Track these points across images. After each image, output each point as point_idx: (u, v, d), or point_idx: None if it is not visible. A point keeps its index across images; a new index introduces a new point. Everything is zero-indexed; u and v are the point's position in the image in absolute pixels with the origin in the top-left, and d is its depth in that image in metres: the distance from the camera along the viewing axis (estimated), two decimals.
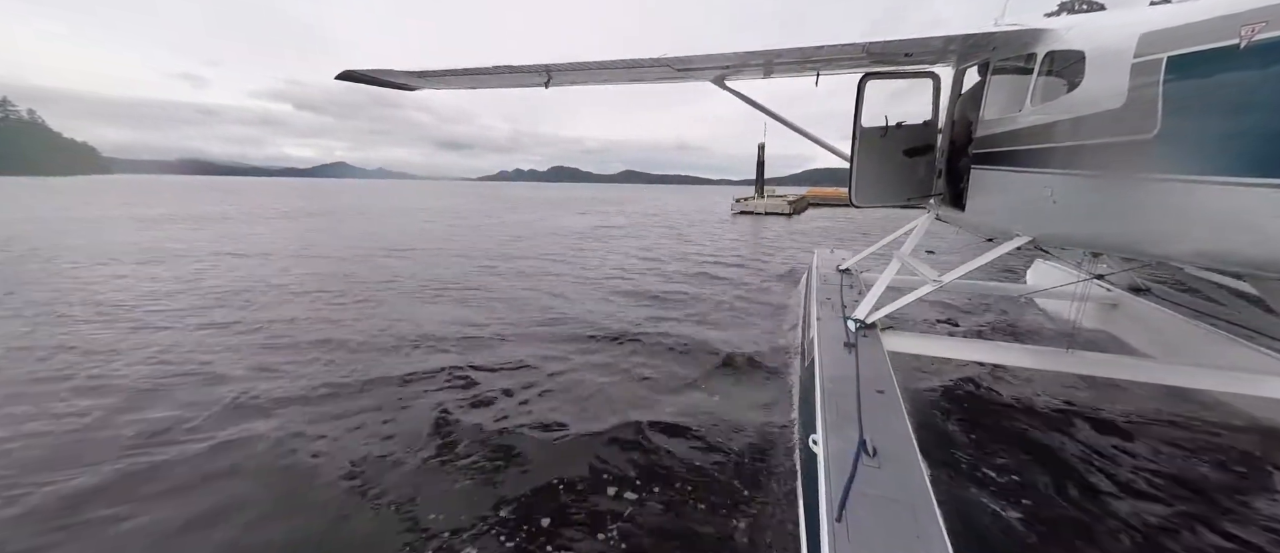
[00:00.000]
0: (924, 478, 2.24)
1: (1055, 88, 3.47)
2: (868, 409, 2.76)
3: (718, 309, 8.00)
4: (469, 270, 11.31)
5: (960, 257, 4.58)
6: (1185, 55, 2.49)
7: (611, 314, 7.62)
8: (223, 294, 8.53)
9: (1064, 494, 3.24)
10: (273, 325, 6.77)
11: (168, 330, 6.49)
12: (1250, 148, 2.29)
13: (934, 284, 4.17)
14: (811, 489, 2.33)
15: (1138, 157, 2.73)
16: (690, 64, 4.31)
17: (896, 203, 5.54)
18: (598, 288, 9.55)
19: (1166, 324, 5.16)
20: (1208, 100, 2.43)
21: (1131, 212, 2.93)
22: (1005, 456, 3.66)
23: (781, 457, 3.61)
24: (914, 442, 2.53)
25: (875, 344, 3.83)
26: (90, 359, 5.46)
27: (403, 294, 8.89)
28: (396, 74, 4.45)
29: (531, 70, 4.36)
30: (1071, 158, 3.20)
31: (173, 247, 13.98)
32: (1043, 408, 4.40)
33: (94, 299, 8.02)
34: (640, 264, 12.51)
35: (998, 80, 4.19)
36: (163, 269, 10.66)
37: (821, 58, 4.41)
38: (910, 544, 1.87)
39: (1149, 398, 4.44)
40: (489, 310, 7.78)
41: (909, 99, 5.31)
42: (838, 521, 1.97)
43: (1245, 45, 2.23)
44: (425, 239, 17.24)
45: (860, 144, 5.22)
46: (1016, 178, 3.74)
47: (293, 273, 10.55)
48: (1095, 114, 2.98)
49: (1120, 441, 3.88)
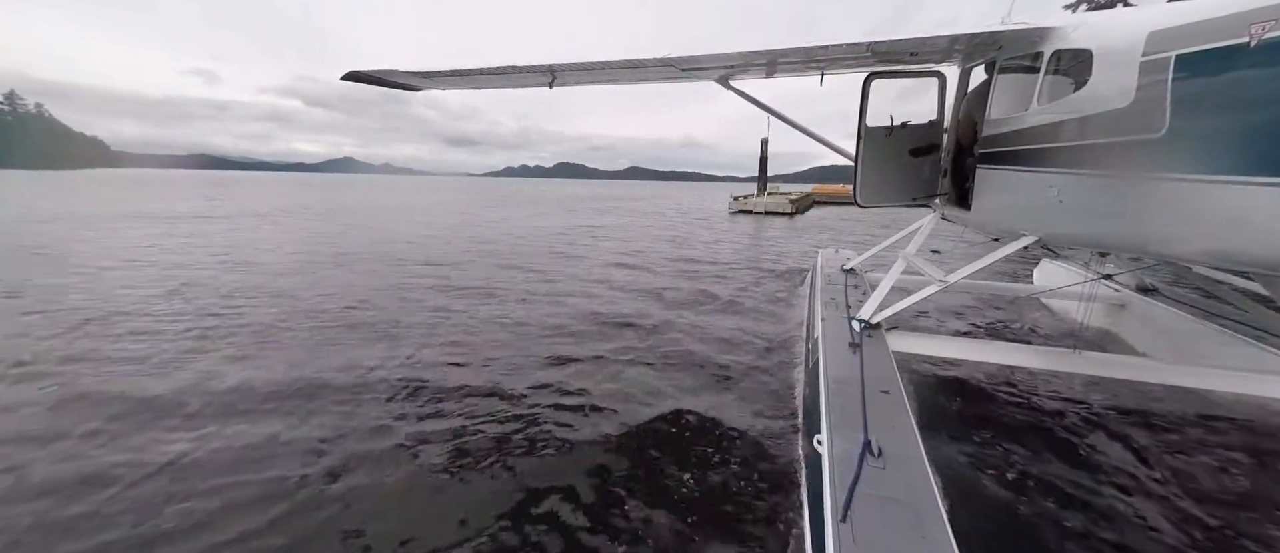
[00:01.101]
0: (929, 479, 2.23)
1: (1062, 87, 3.45)
2: (872, 410, 2.76)
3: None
4: (391, 290, 8.60)
5: (966, 257, 4.54)
6: (1194, 54, 2.48)
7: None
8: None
9: (1071, 497, 3.22)
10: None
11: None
12: (1260, 146, 2.27)
13: (939, 284, 4.16)
14: (816, 490, 2.33)
15: (1146, 155, 2.72)
16: (695, 64, 4.32)
17: (901, 203, 5.53)
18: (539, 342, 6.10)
19: (1175, 324, 5.12)
20: (1216, 99, 2.41)
21: (1139, 211, 2.91)
22: (1011, 457, 3.64)
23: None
24: (919, 442, 2.52)
25: (880, 344, 3.82)
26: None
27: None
28: (402, 74, 4.48)
29: (536, 71, 4.37)
30: (1079, 157, 3.18)
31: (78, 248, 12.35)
32: (1050, 409, 4.37)
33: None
34: (619, 274, 10.44)
35: (1004, 79, 4.17)
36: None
37: (826, 57, 4.41)
38: (915, 546, 1.87)
39: (1158, 399, 4.41)
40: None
41: (914, 98, 5.30)
42: (842, 521, 1.97)
43: (1255, 43, 2.22)
44: (388, 241, 15.18)
45: (865, 143, 5.20)
46: (1023, 177, 3.72)
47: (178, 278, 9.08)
48: (1103, 113, 2.96)
49: (1128, 443, 3.85)
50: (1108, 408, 4.35)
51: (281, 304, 7.59)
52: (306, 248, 13.58)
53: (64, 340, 5.89)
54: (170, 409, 4.31)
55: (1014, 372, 4.90)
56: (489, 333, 6.43)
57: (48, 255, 11.57)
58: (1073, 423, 4.13)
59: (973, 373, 4.94)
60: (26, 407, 4.36)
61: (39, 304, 7.35)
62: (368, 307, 7.58)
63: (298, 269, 10.43)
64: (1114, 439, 3.90)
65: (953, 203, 4.99)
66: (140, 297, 7.85)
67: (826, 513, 2.05)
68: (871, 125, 5.17)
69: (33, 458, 3.61)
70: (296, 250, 13.03)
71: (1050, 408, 4.38)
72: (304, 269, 10.45)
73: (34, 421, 4.13)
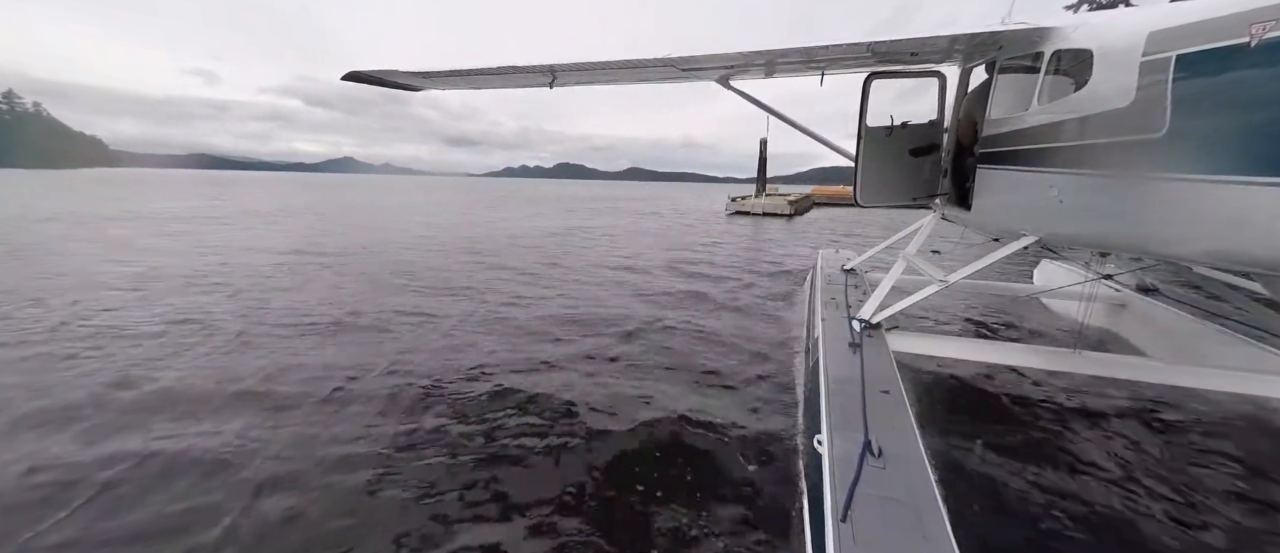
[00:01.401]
0: (929, 479, 2.23)
1: (1063, 87, 3.45)
2: (873, 410, 2.76)
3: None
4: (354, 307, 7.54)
5: (966, 257, 4.54)
6: (1194, 53, 2.48)
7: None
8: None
9: (1071, 496, 3.22)
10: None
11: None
12: (1259, 146, 2.27)
13: (939, 284, 4.16)
14: (816, 490, 2.33)
15: (1146, 155, 2.72)
16: (694, 64, 4.32)
17: (901, 203, 5.52)
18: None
19: (1175, 325, 5.12)
20: (1217, 99, 2.41)
21: (1139, 211, 2.91)
22: (1011, 457, 3.64)
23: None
24: (920, 442, 2.52)
25: (880, 344, 3.82)
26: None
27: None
28: (401, 74, 4.48)
29: (536, 71, 4.37)
30: (1079, 157, 3.18)
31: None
32: (1050, 409, 4.37)
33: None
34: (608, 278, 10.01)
35: (1004, 79, 4.17)
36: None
37: (826, 57, 4.41)
38: (915, 546, 1.87)
39: (1158, 399, 4.41)
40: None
41: (914, 99, 5.30)
42: (842, 521, 1.97)
43: (1255, 43, 2.22)
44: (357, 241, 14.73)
45: (865, 144, 5.20)
46: (1023, 177, 3.72)
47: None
48: (1103, 113, 2.96)
49: (1128, 443, 3.85)
50: (1108, 408, 4.34)
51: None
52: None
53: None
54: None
55: (1014, 372, 4.90)
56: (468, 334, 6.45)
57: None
58: (1072, 423, 4.13)
59: (973, 373, 4.94)
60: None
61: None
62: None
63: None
64: (1114, 439, 3.90)
65: (953, 203, 4.99)
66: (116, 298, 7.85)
67: (827, 513, 2.05)
68: (872, 125, 5.17)
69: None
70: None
71: (1050, 408, 4.38)
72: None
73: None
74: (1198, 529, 2.95)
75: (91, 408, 4.27)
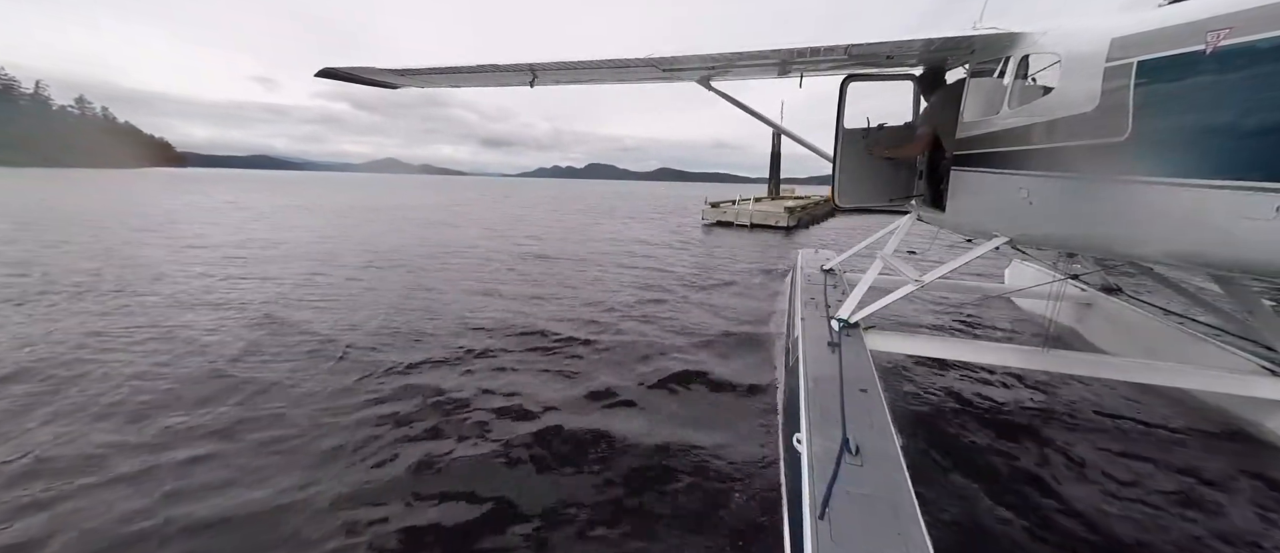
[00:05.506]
0: (905, 476, 2.26)
1: (1031, 91, 3.54)
2: (851, 408, 2.78)
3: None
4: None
5: (940, 258, 4.63)
6: (1154, 60, 2.56)
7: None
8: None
9: (1039, 491, 3.31)
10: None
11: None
12: (1216, 150, 2.36)
13: (915, 284, 4.23)
14: (795, 487, 2.34)
15: (1109, 159, 2.80)
16: (676, 64, 4.31)
17: (878, 203, 5.61)
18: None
19: (1138, 323, 5.31)
20: (1176, 104, 2.50)
21: (1103, 213, 3.00)
22: (984, 453, 3.73)
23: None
24: (896, 440, 2.55)
25: (858, 343, 3.86)
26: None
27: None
28: (377, 71, 4.38)
29: (516, 69, 4.33)
30: (1046, 160, 3.27)
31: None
32: (1019, 406, 4.48)
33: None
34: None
35: (976, 83, 4.26)
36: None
37: (804, 59, 4.45)
38: (892, 541, 1.89)
39: (1122, 395, 4.56)
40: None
41: (891, 101, 5.38)
42: (821, 518, 1.98)
43: (1212, 51, 2.30)
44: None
45: (843, 145, 5.27)
46: (994, 179, 3.80)
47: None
48: (1069, 117, 3.04)
49: (1093, 438, 3.97)
50: (1073, 404, 4.48)
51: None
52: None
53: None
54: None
55: (986, 369, 5.02)
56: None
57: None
58: (1040, 419, 4.25)
59: (946, 370, 5.04)
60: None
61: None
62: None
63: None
64: (1079, 434, 4.02)
65: (928, 204, 5.08)
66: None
67: (805, 511, 2.06)
68: (849, 127, 5.24)
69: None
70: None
71: (1019, 405, 4.50)
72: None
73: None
74: (1159, 525, 3.05)
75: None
